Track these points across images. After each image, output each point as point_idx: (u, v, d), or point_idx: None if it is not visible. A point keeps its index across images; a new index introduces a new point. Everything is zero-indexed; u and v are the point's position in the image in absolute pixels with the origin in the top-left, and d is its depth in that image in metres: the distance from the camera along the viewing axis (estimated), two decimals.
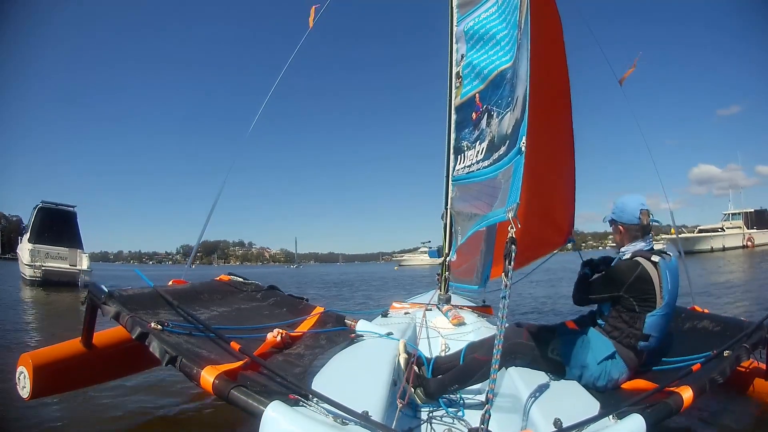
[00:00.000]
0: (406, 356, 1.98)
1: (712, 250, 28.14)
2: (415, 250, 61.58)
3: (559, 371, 1.99)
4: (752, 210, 31.48)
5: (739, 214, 31.58)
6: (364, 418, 1.35)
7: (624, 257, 2.07)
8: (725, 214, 32.34)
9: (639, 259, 1.99)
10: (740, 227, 30.16)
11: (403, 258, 62.10)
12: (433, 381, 2.04)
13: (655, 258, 1.99)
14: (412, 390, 1.91)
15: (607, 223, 2.22)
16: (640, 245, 2.08)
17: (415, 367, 2.22)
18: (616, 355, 1.99)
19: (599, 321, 2.10)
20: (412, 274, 27.20)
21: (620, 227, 2.11)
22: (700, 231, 31.04)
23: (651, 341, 1.97)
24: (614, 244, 2.23)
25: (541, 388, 1.76)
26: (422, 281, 18.40)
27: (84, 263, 13.52)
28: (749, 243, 29.12)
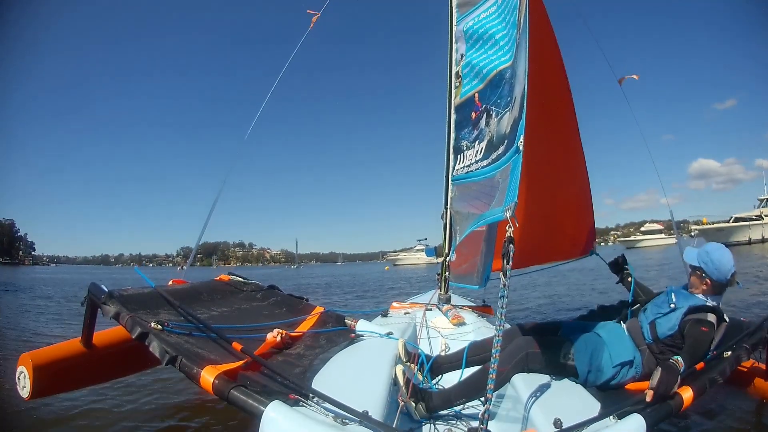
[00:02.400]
0: (404, 373, 1.96)
1: (750, 242, 24.91)
2: (412, 248, 56.18)
3: (571, 375, 1.98)
4: None
5: None
6: (364, 418, 1.36)
7: (708, 303, 2.08)
8: (761, 200, 28.61)
9: (714, 318, 2.01)
10: None
11: (398, 257, 56.05)
12: (437, 395, 1.99)
13: (726, 319, 2.06)
14: (413, 404, 1.90)
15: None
16: (719, 300, 2.13)
17: (418, 375, 2.20)
18: (636, 361, 2.02)
19: (646, 337, 2.09)
20: (405, 276, 23.09)
21: (707, 280, 2.12)
22: (736, 219, 27.43)
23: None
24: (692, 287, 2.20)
25: (541, 388, 1.76)
26: (415, 285, 14.40)
27: None
28: None
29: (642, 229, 54.10)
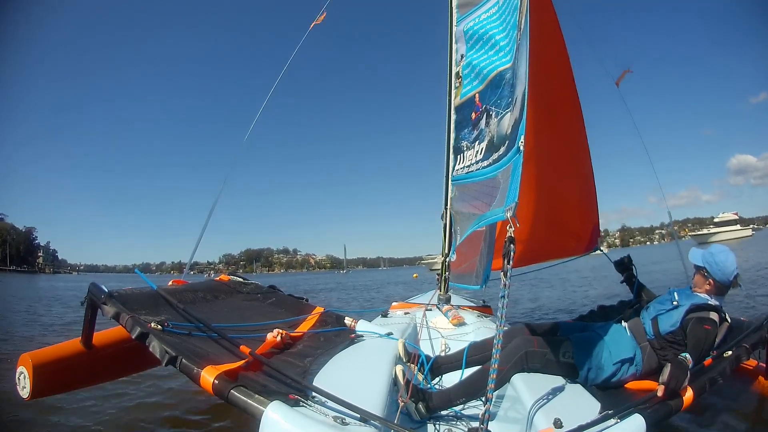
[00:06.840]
0: (404, 373, 1.96)
1: None
2: None
3: (570, 374, 1.98)
4: None
5: None
6: (364, 418, 1.36)
7: (711, 302, 2.09)
8: None
9: (716, 317, 2.03)
10: None
11: (434, 260, 45.00)
12: (437, 395, 2.00)
13: (728, 318, 2.08)
14: (413, 404, 1.90)
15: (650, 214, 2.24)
16: (721, 300, 2.15)
17: (418, 375, 2.20)
18: (636, 358, 2.03)
19: (648, 332, 2.10)
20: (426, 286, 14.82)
21: (711, 281, 2.14)
22: None
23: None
24: (698, 289, 2.20)
25: (541, 388, 1.76)
26: None
27: None
28: None
29: (716, 220, 49.56)
